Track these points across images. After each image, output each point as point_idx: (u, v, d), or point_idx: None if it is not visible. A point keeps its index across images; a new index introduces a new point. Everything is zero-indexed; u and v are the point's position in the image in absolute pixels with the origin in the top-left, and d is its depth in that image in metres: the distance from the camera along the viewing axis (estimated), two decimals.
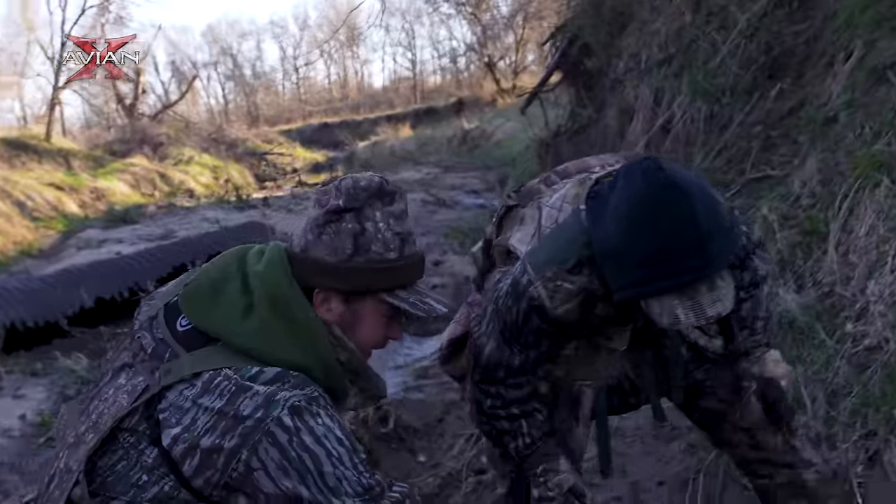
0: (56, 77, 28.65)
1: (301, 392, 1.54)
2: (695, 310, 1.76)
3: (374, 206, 1.67)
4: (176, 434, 1.52)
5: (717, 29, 6.89)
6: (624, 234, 1.79)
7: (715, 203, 1.78)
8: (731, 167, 5.87)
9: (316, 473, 1.50)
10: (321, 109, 47.19)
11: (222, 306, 1.64)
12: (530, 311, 2.00)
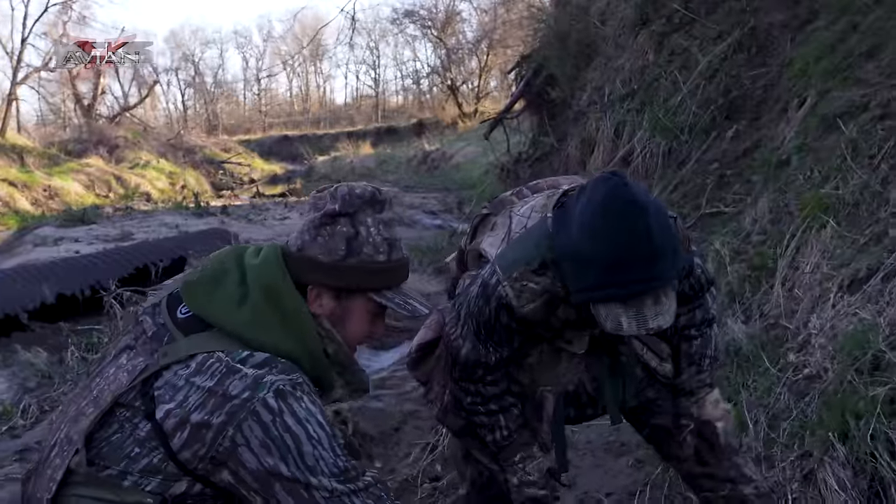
0: (14, 73, 28.33)
1: (286, 377, 1.67)
2: (637, 320, 1.91)
3: (367, 212, 1.82)
4: (169, 409, 1.65)
5: (679, 69, 7.16)
6: (584, 240, 1.94)
7: (668, 225, 1.94)
8: (687, 202, 6.10)
9: (296, 452, 1.62)
10: (281, 122, 47.23)
11: (220, 296, 1.79)
12: (499, 310, 2.16)
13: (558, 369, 2.37)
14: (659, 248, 1.88)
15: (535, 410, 2.39)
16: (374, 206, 1.84)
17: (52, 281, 6.72)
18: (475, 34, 37.15)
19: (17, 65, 28.16)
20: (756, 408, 3.36)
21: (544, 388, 2.38)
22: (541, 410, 2.38)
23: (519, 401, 2.37)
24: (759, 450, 3.10)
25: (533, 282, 2.11)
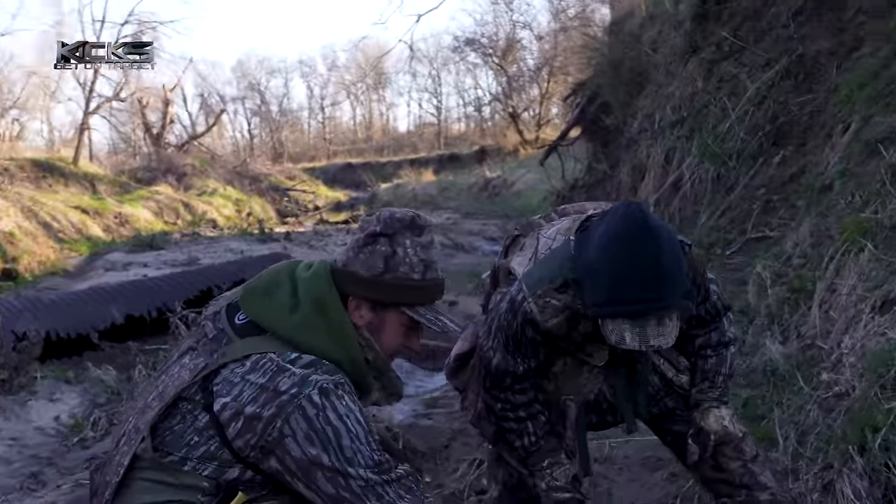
0: (86, 102, 29.29)
1: (330, 377, 1.87)
2: (640, 336, 2.11)
3: (406, 235, 2.03)
4: (225, 402, 1.87)
5: (728, 95, 7.28)
6: (599, 260, 2.15)
7: (678, 252, 2.13)
8: (734, 227, 6.22)
9: (336, 444, 1.82)
10: (345, 149, 47.82)
11: (274, 304, 2.01)
12: (525, 324, 2.36)
13: (580, 379, 2.55)
14: (666, 272, 2.07)
15: (559, 417, 2.56)
16: (414, 229, 2.04)
17: (121, 303, 7.07)
18: (536, 61, 37.40)
19: (90, 95, 29.11)
20: (787, 424, 3.48)
21: (567, 396, 2.56)
22: (564, 418, 2.56)
23: (545, 409, 2.55)
24: (786, 463, 3.23)
25: (556, 299, 2.30)
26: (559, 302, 2.31)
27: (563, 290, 2.31)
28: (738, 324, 4.56)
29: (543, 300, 2.32)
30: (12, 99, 35.76)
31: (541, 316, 2.33)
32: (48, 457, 4.57)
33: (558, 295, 2.31)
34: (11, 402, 5.32)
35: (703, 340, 2.57)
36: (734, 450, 2.58)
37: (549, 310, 2.32)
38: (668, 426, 2.69)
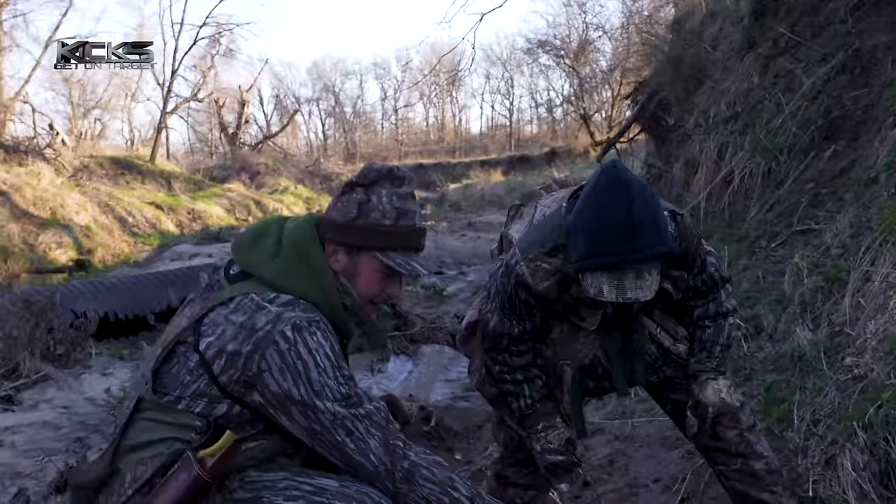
0: (164, 102, 30.03)
1: (304, 315, 1.99)
2: (618, 289, 2.17)
3: (384, 185, 2.14)
4: (210, 342, 2.00)
5: (783, 91, 7.21)
6: (577, 218, 2.23)
7: (652, 205, 2.18)
8: (781, 220, 6.17)
9: (305, 378, 1.93)
10: (417, 150, 48.14)
11: (259, 251, 2.14)
12: (518, 287, 2.46)
13: (576, 345, 2.63)
14: (639, 224, 2.12)
15: (556, 382, 2.65)
16: (393, 180, 2.15)
17: (178, 286, 7.31)
18: (609, 63, 37.16)
19: (167, 95, 29.85)
20: (805, 406, 3.49)
21: (564, 361, 2.64)
22: (561, 382, 2.64)
23: (543, 374, 2.63)
24: (798, 442, 3.25)
25: (546, 262, 2.40)
26: (550, 265, 2.41)
27: (554, 254, 2.40)
28: (773, 312, 4.58)
29: (535, 264, 2.42)
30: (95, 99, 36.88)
31: (532, 279, 2.43)
32: (95, 424, 4.79)
33: (549, 259, 2.41)
34: (67, 374, 5.59)
35: (702, 311, 2.62)
36: (731, 419, 2.63)
37: (540, 273, 2.42)
38: (668, 394, 2.74)
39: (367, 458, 1.95)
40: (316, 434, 1.96)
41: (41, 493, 3.53)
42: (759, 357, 4.30)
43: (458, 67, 39.28)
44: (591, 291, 2.20)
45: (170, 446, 2.01)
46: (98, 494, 2.06)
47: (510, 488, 2.86)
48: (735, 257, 5.98)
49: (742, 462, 2.63)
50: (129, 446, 2.06)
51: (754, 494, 2.65)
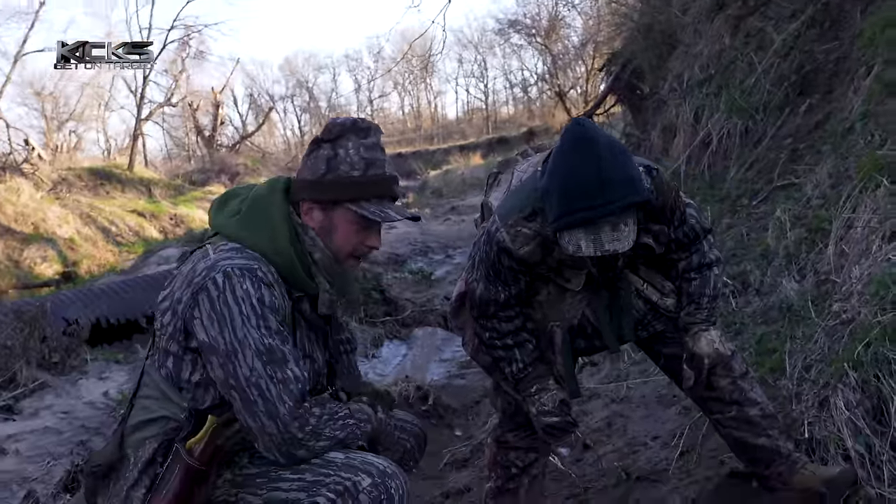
0: (138, 109, 29.96)
1: (241, 263, 2.01)
2: (595, 243, 2.21)
3: (349, 138, 2.16)
4: (165, 295, 2.08)
5: (755, 50, 7.24)
6: (549, 179, 2.28)
7: (620, 157, 2.24)
8: (761, 177, 6.21)
9: (230, 326, 1.94)
10: (395, 140, 48.00)
11: (225, 211, 2.20)
12: (500, 253, 2.50)
13: (563, 305, 2.67)
14: (608, 177, 2.17)
15: (548, 344, 2.68)
16: (357, 132, 2.17)
17: None
18: (580, 38, 37.13)
19: (141, 102, 29.75)
20: (796, 354, 3.53)
21: (553, 322, 2.67)
22: (552, 344, 2.67)
23: (534, 337, 2.66)
24: (790, 388, 3.29)
25: (525, 227, 2.46)
26: (529, 230, 2.47)
27: (532, 218, 2.46)
28: (758, 267, 4.63)
29: (514, 229, 2.48)
30: (68, 111, 36.69)
31: (513, 244, 2.48)
32: (96, 427, 4.83)
33: (527, 223, 2.47)
34: (64, 381, 5.61)
35: (686, 264, 2.65)
36: (724, 368, 2.67)
37: (521, 238, 2.48)
38: (660, 348, 2.78)
39: (274, 421, 1.92)
40: (231, 388, 1.95)
41: (50, 494, 3.55)
42: (747, 311, 4.34)
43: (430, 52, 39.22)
44: (570, 249, 2.25)
45: (164, 425, 2.06)
46: (109, 478, 2.09)
47: (511, 452, 2.90)
48: (718, 217, 6.02)
49: (737, 409, 2.68)
50: (132, 427, 2.10)
51: (751, 440, 2.69)
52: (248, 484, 2.02)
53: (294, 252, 2.12)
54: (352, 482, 1.94)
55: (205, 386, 2.04)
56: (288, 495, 1.96)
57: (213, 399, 2.03)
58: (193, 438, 1.98)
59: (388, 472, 1.99)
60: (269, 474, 2.01)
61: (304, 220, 2.18)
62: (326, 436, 1.99)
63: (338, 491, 1.93)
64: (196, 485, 1.97)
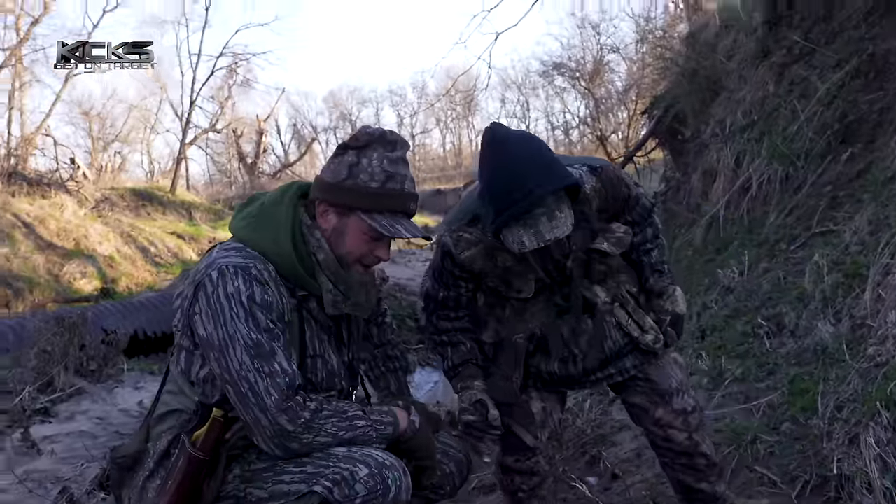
0: (183, 134, 30.44)
1: (236, 261, 2.07)
2: (536, 236, 2.30)
3: (375, 148, 2.20)
4: (177, 294, 2.15)
5: (798, 97, 7.27)
6: (481, 187, 2.42)
7: (535, 149, 2.36)
8: (800, 223, 6.21)
9: (221, 322, 2.00)
10: (434, 176, 48.30)
11: (239, 214, 2.27)
12: (444, 257, 2.66)
13: (525, 316, 2.75)
14: (521, 171, 2.29)
15: (514, 356, 2.77)
16: (385, 144, 2.21)
17: None
18: (624, 83, 37.23)
19: (186, 126, 30.21)
20: (829, 394, 3.54)
21: (518, 336, 2.76)
22: (518, 356, 2.75)
23: (471, 343, 2.78)
24: (822, 426, 3.30)
25: (467, 232, 2.61)
26: (471, 235, 2.60)
27: (473, 224, 2.60)
28: (794, 310, 4.63)
29: (457, 234, 2.62)
30: (114, 132, 37.37)
31: (455, 248, 2.62)
32: (129, 434, 4.88)
33: (469, 228, 2.61)
34: (100, 388, 5.69)
35: (640, 238, 2.79)
36: (683, 423, 2.74)
37: (463, 242, 2.61)
38: (627, 397, 2.87)
39: (265, 414, 1.97)
40: (226, 383, 2.01)
41: (84, 492, 3.61)
42: (781, 352, 4.34)
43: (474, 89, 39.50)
44: (515, 247, 2.33)
45: (178, 417, 2.13)
46: (133, 470, 2.16)
47: (515, 476, 2.87)
48: (755, 261, 6.03)
49: (687, 459, 2.78)
50: (154, 420, 2.18)
51: (693, 484, 2.82)
52: (256, 479, 2.06)
53: (296, 252, 2.16)
54: (349, 471, 1.97)
55: (211, 381, 2.09)
56: (290, 487, 2.00)
57: (220, 394, 2.08)
58: (199, 430, 2.05)
59: (386, 463, 2.02)
60: (274, 468, 2.05)
61: (319, 220, 2.22)
62: (327, 432, 2.03)
63: (335, 480, 1.96)
64: (201, 476, 2.03)
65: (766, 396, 3.87)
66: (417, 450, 2.25)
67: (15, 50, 25.34)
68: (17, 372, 5.88)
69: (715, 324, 5.25)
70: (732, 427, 3.65)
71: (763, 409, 3.77)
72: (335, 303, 2.21)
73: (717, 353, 4.66)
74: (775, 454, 3.35)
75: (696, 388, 4.29)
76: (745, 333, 4.75)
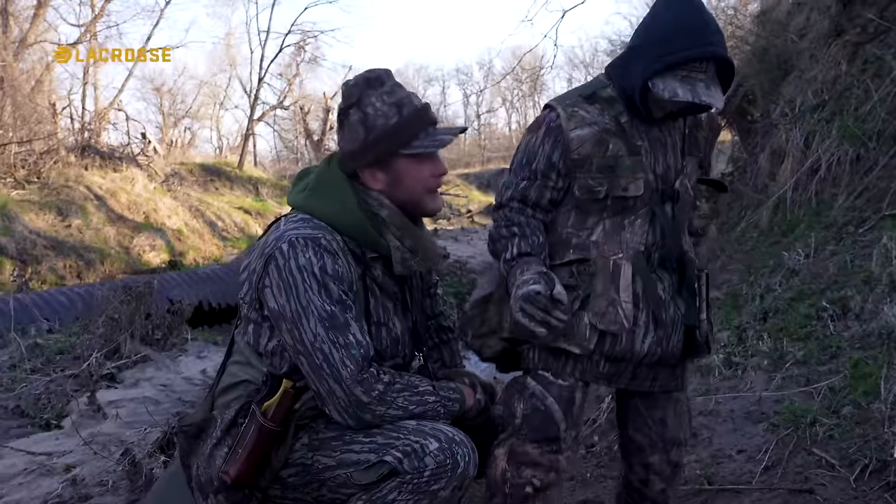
0: (251, 110, 30.78)
1: (305, 232, 2.07)
2: (692, 91, 2.15)
3: (369, 94, 2.18)
4: (244, 266, 2.16)
5: (871, 77, 7.09)
6: (644, 34, 2.27)
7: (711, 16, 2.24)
8: (870, 206, 6.08)
9: (294, 294, 2.00)
10: (500, 155, 48.06)
11: (297, 187, 2.27)
12: (548, 133, 2.36)
13: (624, 235, 2.39)
14: (710, 21, 2.19)
15: (611, 277, 2.35)
16: (373, 85, 2.19)
17: None
18: None
19: (254, 103, 30.54)
20: (892, 379, 3.47)
21: (615, 256, 2.37)
22: (617, 277, 2.35)
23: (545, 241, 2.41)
24: (884, 411, 3.24)
25: (584, 109, 2.34)
26: (587, 113, 2.33)
27: (592, 102, 2.35)
28: (860, 293, 4.54)
29: (572, 108, 2.35)
30: (184, 108, 38.00)
31: (567, 123, 2.32)
32: (192, 401, 5.01)
33: (587, 106, 2.34)
34: (164, 356, 5.82)
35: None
36: (669, 475, 2.59)
37: (576, 119, 2.32)
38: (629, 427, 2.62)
39: (340, 384, 1.98)
40: (299, 354, 2.02)
41: (146, 454, 3.70)
42: (845, 336, 4.26)
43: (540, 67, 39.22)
44: (666, 94, 2.16)
45: (246, 388, 2.15)
46: (199, 438, 2.19)
47: (527, 468, 2.40)
48: (822, 243, 5.92)
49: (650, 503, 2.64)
50: (220, 391, 2.20)
51: None
52: (324, 447, 2.08)
53: (363, 212, 2.16)
54: (420, 444, 1.97)
55: (280, 353, 2.11)
56: (360, 456, 2.01)
57: (289, 365, 2.10)
58: (269, 401, 2.07)
59: (455, 439, 2.02)
60: (343, 437, 2.06)
61: (371, 184, 2.21)
62: (399, 405, 2.04)
63: (406, 451, 1.97)
64: (271, 445, 2.05)
65: (827, 380, 3.80)
66: (480, 427, 2.27)
67: (90, 26, 25.89)
68: (86, 338, 6.05)
69: (778, 306, 5.16)
70: (791, 409, 3.60)
71: (824, 392, 3.71)
72: (404, 260, 2.19)
73: (778, 336, 4.58)
74: (834, 437, 3.29)
75: (756, 369, 4.24)
76: (809, 316, 4.66)
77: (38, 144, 16.90)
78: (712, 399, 3.97)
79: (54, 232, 14.61)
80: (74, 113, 23.99)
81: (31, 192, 15.49)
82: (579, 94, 2.37)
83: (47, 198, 15.54)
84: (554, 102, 2.38)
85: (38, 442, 4.33)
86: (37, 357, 5.87)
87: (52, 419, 4.79)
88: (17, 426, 4.71)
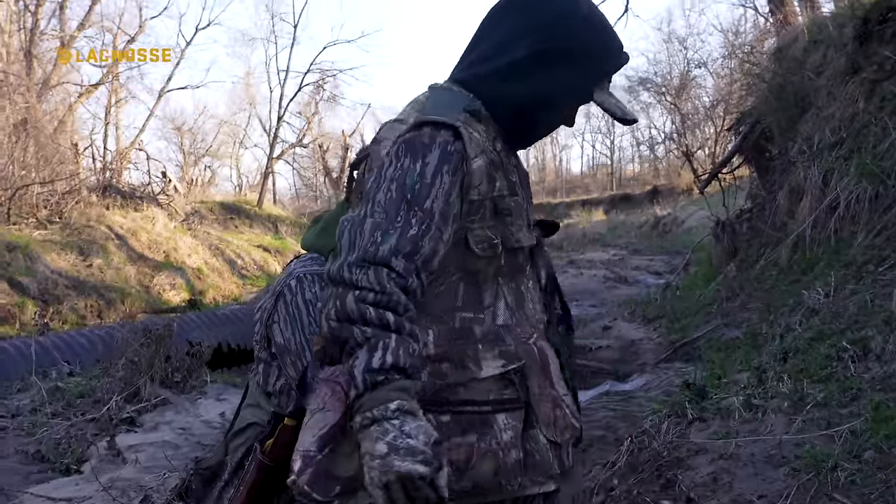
0: (271, 149, 31.09)
1: (313, 269, 2.15)
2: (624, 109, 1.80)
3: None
4: (258, 306, 2.24)
5: (889, 114, 7.07)
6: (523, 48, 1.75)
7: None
8: (890, 244, 6.04)
9: (300, 327, 2.06)
10: None
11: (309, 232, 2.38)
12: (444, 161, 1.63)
13: (526, 307, 1.81)
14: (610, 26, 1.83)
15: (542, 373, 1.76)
16: None
17: None
18: (711, 98, 36.72)
19: (274, 141, 30.83)
20: None
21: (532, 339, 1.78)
22: (548, 368, 1.79)
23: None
24: None
25: (476, 130, 1.72)
26: (480, 136, 1.72)
27: (479, 120, 1.75)
28: (881, 334, 4.51)
29: (468, 128, 1.70)
30: (205, 147, 38.39)
31: (470, 148, 1.68)
32: (210, 444, 5.01)
33: (477, 125, 1.73)
34: (184, 399, 5.83)
35: None
36: None
37: (474, 143, 1.69)
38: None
39: None
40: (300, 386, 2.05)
41: (164, 501, 3.71)
42: (866, 378, 4.22)
43: None
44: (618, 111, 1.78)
45: (254, 430, 2.19)
46: (212, 483, 2.23)
47: None
48: (842, 282, 5.88)
49: None
50: (233, 435, 2.24)
51: None
52: None
53: None
54: None
55: (287, 392, 2.15)
56: None
57: (296, 405, 2.12)
58: (270, 440, 2.08)
59: None
60: None
61: None
62: None
63: None
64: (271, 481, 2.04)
65: (848, 423, 3.77)
66: None
67: (112, 67, 26.25)
68: (106, 382, 6.10)
69: (798, 346, 5.13)
70: (812, 453, 3.57)
71: (845, 436, 3.67)
72: None
73: (798, 377, 4.55)
74: (856, 483, 3.26)
75: (777, 412, 4.21)
76: (829, 357, 4.63)
77: (60, 185, 17.08)
78: (732, 443, 3.94)
79: (76, 272, 14.71)
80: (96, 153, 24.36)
81: (53, 233, 15.63)
82: (464, 108, 1.73)
83: (69, 238, 15.68)
84: (448, 119, 1.67)
85: (58, 487, 4.35)
86: (57, 401, 5.92)
87: (73, 464, 4.82)
88: (38, 471, 4.73)
